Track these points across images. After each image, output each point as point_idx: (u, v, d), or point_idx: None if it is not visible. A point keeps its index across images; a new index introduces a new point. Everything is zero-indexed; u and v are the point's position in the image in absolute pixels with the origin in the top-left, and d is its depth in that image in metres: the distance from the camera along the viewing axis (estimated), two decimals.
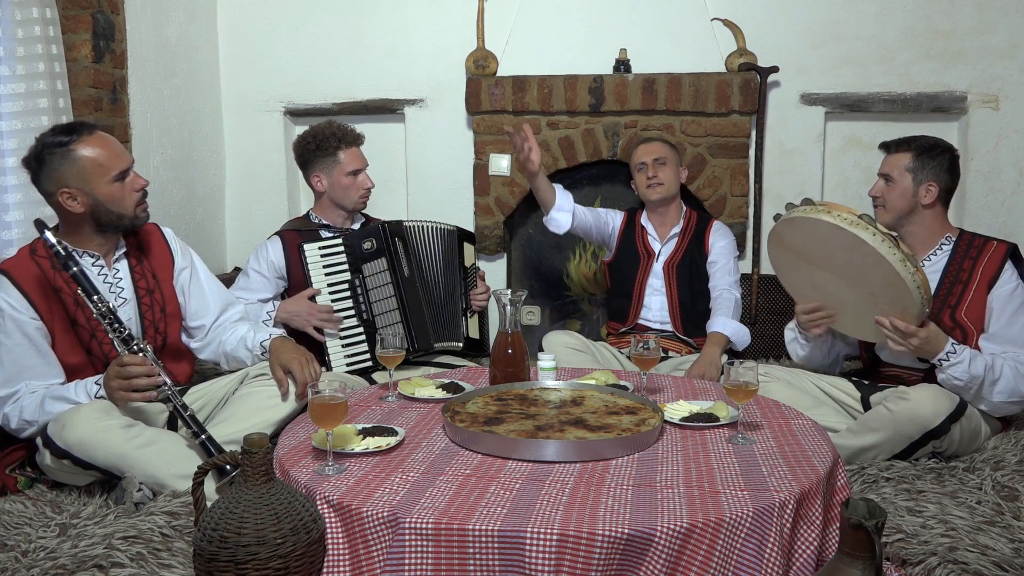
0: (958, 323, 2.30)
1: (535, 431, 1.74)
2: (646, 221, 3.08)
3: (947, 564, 1.65)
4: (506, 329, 2.08)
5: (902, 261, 2.05)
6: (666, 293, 2.98)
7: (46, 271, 2.09)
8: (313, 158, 2.82)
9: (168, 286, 2.32)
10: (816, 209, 2.17)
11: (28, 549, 1.73)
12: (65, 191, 2.06)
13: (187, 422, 1.99)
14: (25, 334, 2.05)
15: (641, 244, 3.06)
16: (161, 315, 2.28)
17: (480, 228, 3.59)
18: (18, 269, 2.08)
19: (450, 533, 1.36)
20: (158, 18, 3.29)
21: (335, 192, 2.82)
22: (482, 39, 3.54)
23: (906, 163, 2.37)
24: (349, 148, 2.82)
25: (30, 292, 2.05)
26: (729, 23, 3.45)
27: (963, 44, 3.36)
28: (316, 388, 1.61)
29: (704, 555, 1.36)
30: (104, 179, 2.08)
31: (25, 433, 2.07)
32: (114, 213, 2.12)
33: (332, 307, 2.70)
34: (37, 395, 2.05)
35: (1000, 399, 2.21)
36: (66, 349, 2.11)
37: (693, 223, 3.05)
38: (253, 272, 2.79)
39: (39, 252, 2.12)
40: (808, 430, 1.84)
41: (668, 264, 2.99)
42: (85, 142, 2.07)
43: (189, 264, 2.39)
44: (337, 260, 2.74)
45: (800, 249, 2.28)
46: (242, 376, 2.31)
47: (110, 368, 2.01)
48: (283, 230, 2.89)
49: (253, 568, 1.41)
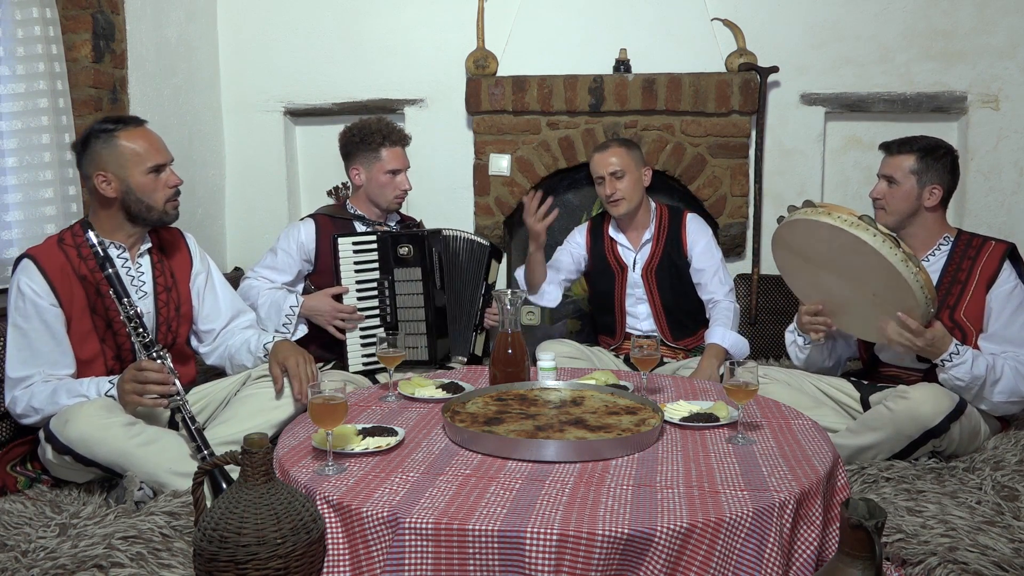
0: (957, 323, 2.30)
1: (535, 431, 1.74)
2: (615, 231, 2.94)
3: (947, 564, 1.65)
4: (506, 329, 2.08)
5: (903, 261, 2.05)
6: (649, 301, 2.88)
7: (71, 260, 2.15)
8: (355, 150, 2.80)
9: (184, 287, 2.36)
10: (816, 211, 2.17)
11: (28, 549, 1.73)
12: (101, 174, 2.14)
13: (192, 435, 2.00)
14: (43, 320, 2.09)
15: (612, 258, 2.93)
16: (175, 314, 2.32)
17: (480, 228, 3.60)
18: (44, 256, 2.12)
19: (450, 533, 1.36)
20: (158, 18, 3.29)
21: (371, 188, 2.79)
22: (482, 39, 3.54)
23: (910, 165, 2.35)
24: (393, 147, 2.79)
25: (53, 279, 2.10)
26: (729, 23, 3.45)
27: (963, 44, 3.36)
28: (316, 388, 1.61)
29: (704, 555, 1.36)
30: (139, 168, 2.15)
31: (28, 419, 2.08)
32: (144, 204, 2.18)
33: (355, 308, 2.68)
34: (49, 385, 2.07)
35: (1000, 399, 2.21)
36: (81, 337, 2.14)
37: (666, 221, 2.90)
38: (282, 251, 2.77)
39: (67, 242, 2.17)
40: (808, 430, 1.84)
41: (646, 270, 2.87)
42: (129, 133, 2.17)
43: (206, 270, 2.44)
44: (369, 258, 2.70)
45: (803, 251, 2.28)
46: (244, 378, 2.32)
47: (127, 371, 2.04)
48: (317, 214, 2.86)
49: (253, 568, 1.41)
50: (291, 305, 2.66)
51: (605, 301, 2.98)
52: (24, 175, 2.68)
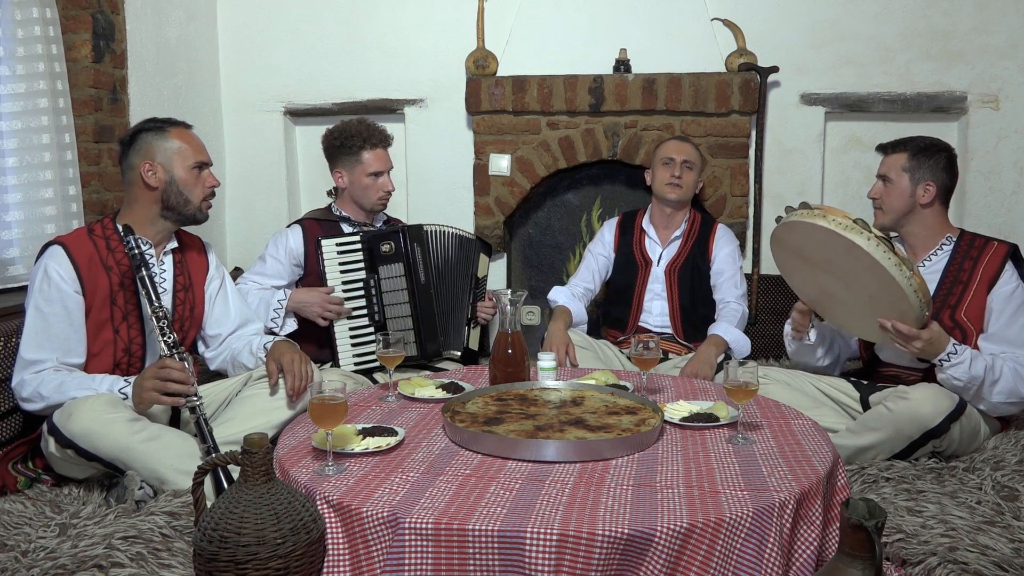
0: (958, 323, 2.30)
1: (535, 431, 1.74)
2: (647, 223, 3.03)
3: (947, 564, 1.65)
4: (506, 329, 2.08)
5: (897, 265, 2.05)
6: (667, 297, 2.95)
7: (100, 250, 2.21)
8: (337, 154, 2.81)
9: (199, 290, 2.41)
10: (812, 213, 2.16)
11: (28, 549, 1.73)
12: (148, 163, 2.24)
13: (204, 437, 2.00)
14: (65, 306, 2.12)
15: (639, 252, 3.01)
16: (189, 315, 2.36)
17: (480, 228, 3.60)
18: (74, 244, 2.18)
19: (450, 533, 1.36)
20: (158, 18, 3.29)
21: (355, 191, 2.81)
22: (482, 39, 3.54)
23: (902, 163, 2.38)
24: (374, 149, 2.79)
25: (81, 266, 2.15)
26: (729, 23, 3.45)
27: (963, 44, 3.36)
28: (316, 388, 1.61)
29: (704, 555, 1.36)
30: (185, 163, 2.27)
31: (32, 406, 2.10)
32: (184, 197, 2.27)
33: (343, 299, 2.70)
34: (61, 374, 2.09)
35: (999, 399, 2.21)
36: (97, 325, 2.17)
37: (697, 226, 3.01)
38: (270, 258, 2.79)
39: (96, 232, 2.24)
40: (808, 430, 1.84)
41: (670, 268, 2.96)
42: (179, 131, 2.31)
43: (221, 277, 2.48)
44: (354, 258, 2.73)
45: (801, 251, 2.29)
46: (245, 378, 2.33)
47: (149, 368, 2.07)
48: (304, 219, 2.88)
49: (253, 568, 1.41)
50: (279, 299, 2.67)
51: (623, 294, 3.02)
52: (24, 175, 2.68)
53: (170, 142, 2.26)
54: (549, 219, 3.71)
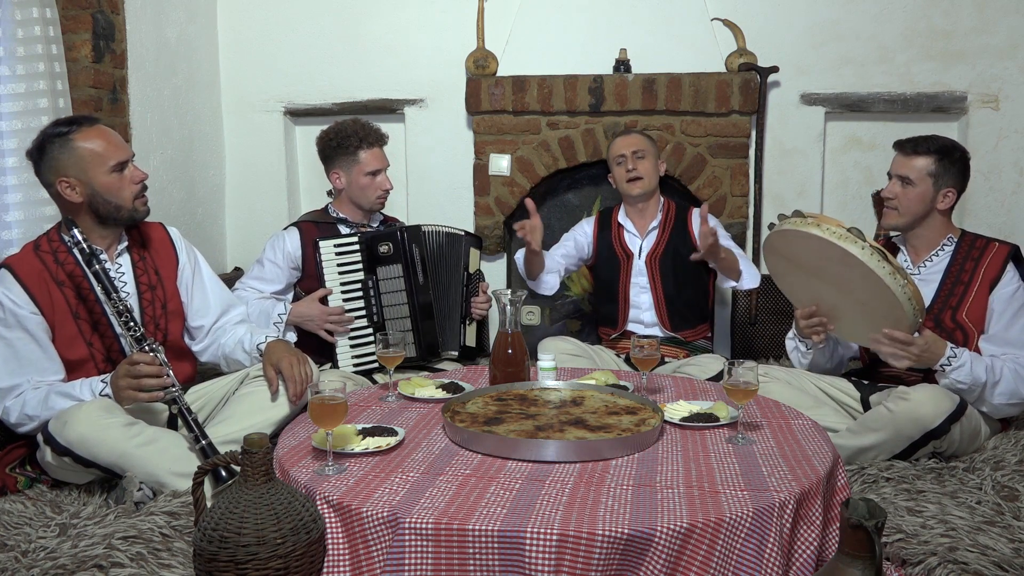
0: (959, 324, 2.30)
1: (535, 431, 1.73)
2: (624, 218, 3.02)
3: (947, 564, 1.65)
4: (506, 329, 2.08)
5: (892, 274, 2.05)
6: (651, 289, 2.93)
7: (49, 266, 2.12)
8: (333, 155, 2.81)
9: (171, 284, 2.33)
10: (805, 222, 2.16)
11: (28, 549, 1.73)
12: (64, 180, 2.09)
13: (190, 425, 1.99)
14: (25, 328, 2.06)
15: (619, 245, 3.00)
16: (162, 312, 2.29)
17: (480, 228, 3.60)
18: (21, 264, 2.10)
19: (450, 533, 1.36)
20: (158, 18, 3.29)
21: (352, 191, 2.81)
22: (482, 39, 3.54)
23: (928, 167, 2.32)
24: (371, 148, 2.80)
25: (31, 287, 2.07)
26: (729, 23, 3.45)
27: (963, 44, 3.36)
28: (316, 388, 1.61)
29: (704, 555, 1.36)
30: (102, 169, 2.11)
31: (24, 428, 2.06)
32: (112, 204, 2.14)
33: (344, 309, 2.69)
34: (41, 391, 2.05)
35: (1000, 401, 2.21)
36: (67, 342, 2.12)
37: (673, 213, 2.99)
38: (268, 262, 2.78)
39: (43, 248, 2.15)
40: (808, 430, 1.84)
41: (651, 258, 2.94)
42: (85, 133, 2.11)
43: (193, 263, 2.41)
44: (352, 259, 2.72)
45: (794, 258, 2.28)
46: (242, 376, 2.31)
47: (120, 366, 2.02)
48: (300, 221, 2.88)
49: (253, 568, 1.41)
50: (279, 313, 2.65)
51: (609, 290, 3.01)
52: (24, 175, 2.67)
53: (79, 150, 2.08)
54: (549, 219, 3.70)
